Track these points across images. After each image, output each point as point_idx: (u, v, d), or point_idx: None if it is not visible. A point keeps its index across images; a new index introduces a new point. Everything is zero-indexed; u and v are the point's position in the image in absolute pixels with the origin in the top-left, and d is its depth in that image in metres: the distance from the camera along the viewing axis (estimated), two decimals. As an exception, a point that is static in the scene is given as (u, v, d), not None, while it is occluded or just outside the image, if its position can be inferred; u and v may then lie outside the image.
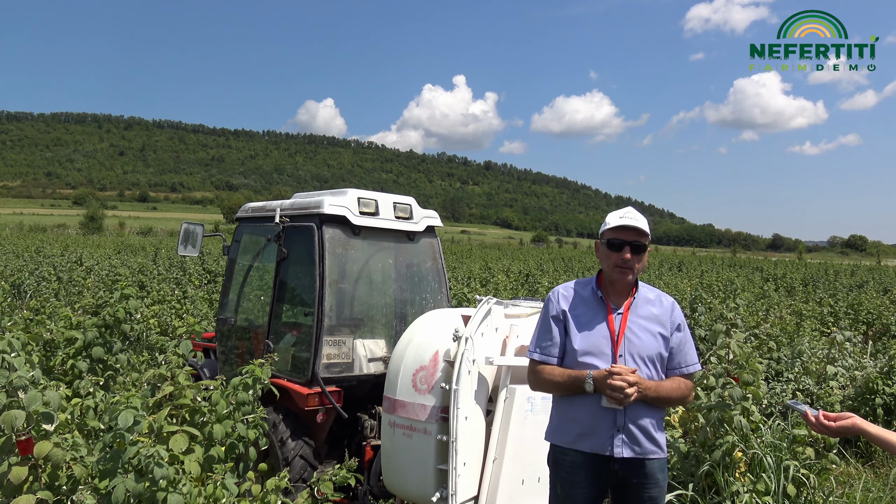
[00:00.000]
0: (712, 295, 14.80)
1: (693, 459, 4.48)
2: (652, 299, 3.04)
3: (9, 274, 16.05)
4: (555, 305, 3.03)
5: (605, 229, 3.00)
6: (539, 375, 3.02)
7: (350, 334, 5.03)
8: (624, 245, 2.93)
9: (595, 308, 2.99)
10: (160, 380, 3.69)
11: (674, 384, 2.94)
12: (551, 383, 2.97)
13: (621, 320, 2.95)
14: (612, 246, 2.94)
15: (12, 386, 2.91)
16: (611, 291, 3.02)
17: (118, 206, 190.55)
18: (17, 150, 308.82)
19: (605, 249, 2.98)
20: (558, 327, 3.00)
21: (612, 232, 2.97)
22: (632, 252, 2.92)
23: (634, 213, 3.02)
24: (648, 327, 2.96)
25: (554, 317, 3.01)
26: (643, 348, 2.92)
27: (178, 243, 5.61)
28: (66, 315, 5.16)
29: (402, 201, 5.27)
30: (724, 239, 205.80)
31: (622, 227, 2.94)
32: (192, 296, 11.98)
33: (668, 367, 2.99)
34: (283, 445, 4.57)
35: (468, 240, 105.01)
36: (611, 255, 2.95)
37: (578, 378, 2.85)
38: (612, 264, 2.95)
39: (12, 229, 70.58)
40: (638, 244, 2.94)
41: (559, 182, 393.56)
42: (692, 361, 3.02)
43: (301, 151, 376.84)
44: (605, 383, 2.76)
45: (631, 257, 2.92)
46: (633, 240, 2.94)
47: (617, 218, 2.98)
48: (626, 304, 2.99)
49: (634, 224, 2.93)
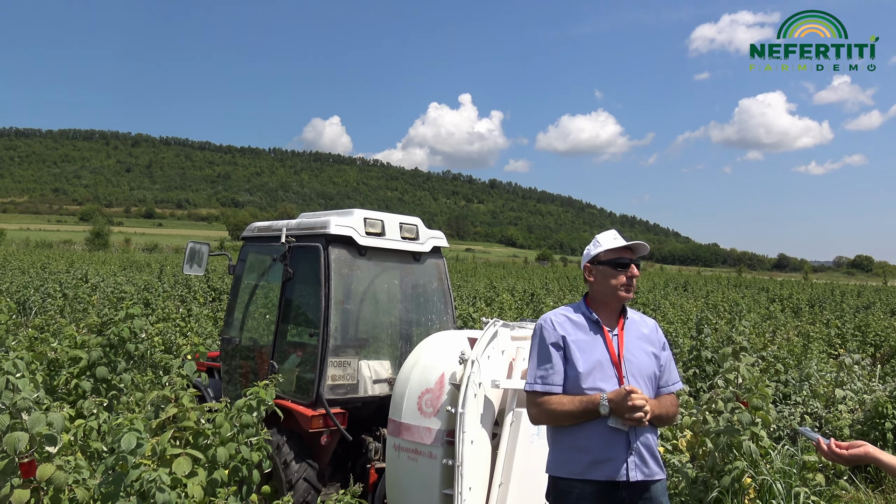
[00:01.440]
0: (718, 316, 14.75)
1: (701, 485, 4.42)
2: (638, 320, 3.06)
3: (14, 290, 16.07)
4: (551, 332, 2.94)
5: (601, 251, 2.98)
6: (545, 407, 2.89)
7: (355, 355, 5.00)
8: (630, 264, 2.94)
9: (592, 331, 2.95)
10: (164, 401, 3.67)
11: (666, 402, 2.95)
12: (562, 413, 2.85)
13: (619, 341, 2.93)
14: (618, 265, 2.94)
15: (16, 407, 2.90)
16: (602, 314, 2.99)
17: (124, 223, 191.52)
18: (25, 166, 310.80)
19: (607, 270, 2.95)
20: (559, 354, 2.92)
21: (614, 252, 2.96)
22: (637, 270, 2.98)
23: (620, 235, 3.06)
24: (643, 347, 2.96)
25: (553, 344, 2.92)
26: (642, 368, 2.91)
27: (183, 262, 5.62)
28: (71, 334, 5.15)
29: (409, 222, 5.26)
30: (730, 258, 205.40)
31: (625, 247, 2.97)
32: (197, 314, 11.96)
33: (657, 386, 2.99)
34: (286, 468, 4.53)
35: (473, 258, 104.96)
36: (616, 275, 2.94)
37: (592, 402, 2.77)
38: (617, 284, 2.94)
39: (19, 245, 70.87)
40: (638, 263, 3.00)
41: (564, 200, 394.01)
42: (676, 380, 3.06)
43: (307, 169, 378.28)
44: (622, 404, 2.71)
45: (636, 275, 2.97)
46: (634, 258, 2.99)
47: (611, 239, 3.00)
48: (619, 324, 2.98)
49: (636, 242, 2.98)
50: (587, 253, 3.06)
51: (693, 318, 12.05)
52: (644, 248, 3.01)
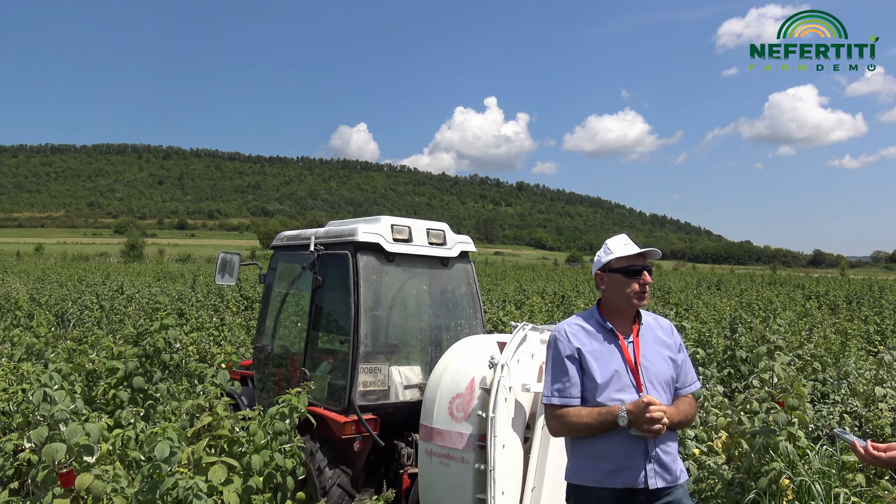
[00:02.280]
0: (752, 314, 14.53)
1: (738, 487, 4.35)
2: (653, 324, 3.02)
3: (53, 303, 16.42)
4: (566, 345, 2.91)
5: (612, 258, 2.94)
6: (563, 420, 2.87)
7: (386, 361, 5.02)
8: (643, 270, 2.91)
9: (606, 340, 2.92)
10: (199, 410, 3.72)
11: (685, 405, 2.92)
12: (580, 425, 2.82)
13: (634, 348, 2.90)
14: (630, 273, 2.91)
15: (54, 419, 2.96)
16: (616, 321, 2.96)
17: (157, 234, 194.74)
18: (61, 181, 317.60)
19: (620, 278, 2.92)
20: (575, 366, 2.89)
21: (626, 260, 2.93)
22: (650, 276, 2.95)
23: (631, 239, 3.03)
24: (659, 352, 2.93)
25: (569, 356, 2.89)
26: (659, 374, 2.88)
27: (215, 272, 5.69)
28: (108, 345, 5.25)
29: (436, 227, 5.28)
30: (763, 256, 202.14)
31: (638, 254, 2.94)
32: (230, 323, 12.11)
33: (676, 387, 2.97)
34: (320, 474, 4.56)
35: (502, 261, 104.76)
36: (629, 283, 2.91)
37: (611, 413, 2.74)
38: (630, 291, 2.91)
39: (57, 258, 72.40)
40: (650, 267, 2.97)
41: (593, 201, 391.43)
42: (693, 380, 3.03)
43: (335, 176, 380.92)
44: (640, 416, 2.68)
45: (650, 280, 2.94)
46: (646, 264, 2.96)
47: (622, 245, 2.97)
48: (634, 331, 2.95)
49: (649, 249, 2.95)
50: (598, 260, 3.03)
51: (726, 317, 11.88)
52: (656, 254, 2.97)
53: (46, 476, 2.97)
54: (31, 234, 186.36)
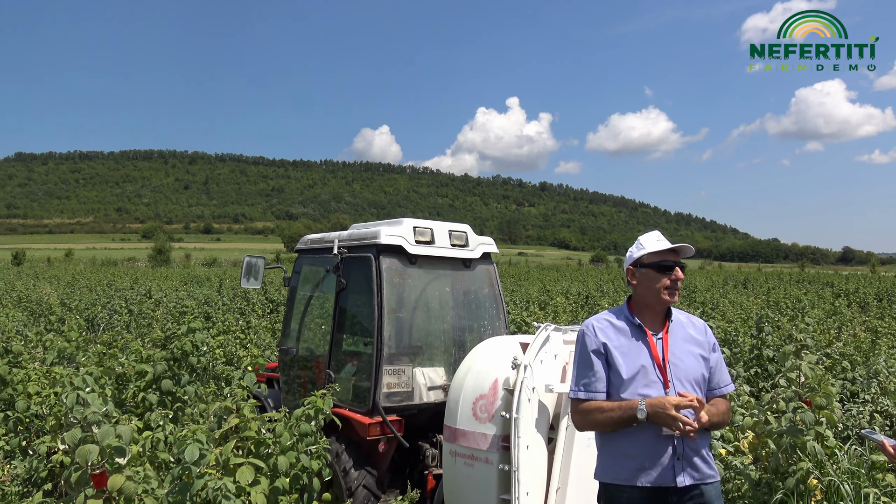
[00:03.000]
0: (780, 313, 14.35)
1: (765, 487, 4.31)
2: (685, 322, 3.00)
3: (83, 308, 16.71)
4: (593, 339, 2.93)
5: (644, 253, 2.94)
6: (587, 414, 2.89)
7: (409, 363, 5.05)
8: (675, 266, 2.90)
9: (634, 336, 2.91)
10: (226, 412, 3.78)
11: (721, 406, 2.90)
12: (602, 420, 2.84)
13: (663, 345, 2.89)
14: (662, 269, 2.90)
15: (87, 421, 3.03)
16: (646, 317, 2.95)
17: (184, 239, 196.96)
18: (90, 187, 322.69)
19: (651, 273, 2.92)
20: (600, 361, 2.90)
21: (657, 255, 2.92)
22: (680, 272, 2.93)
23: (664, 236, 3.01)
24: (690, 350, 2.91)
25: (595, 351, 2.91)
26: (688, 372, 2.86)
27: (241, 276, 5.77)
28: (137, 349, 5.34)
29: (458, 229, 5.30)
30: (791, 253, 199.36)
31: (670, 249, 2.93)
32: (256, 326, 12.23)
33: (708, 388, 2.95)
34: (346, 475, 4.61)
35: (526, 262, 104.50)
36: (660, 278, 2.90)
37: (630, 408, 2.74)
38: (661, 287, 2.90)
39: (86, 264, 73.59)
40: (683, 264, 2.95)
41: (617, 201, 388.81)
42: (727, 382, 3.00)
43: (358, 179, 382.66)
44: (661, 414, 2.68)
45: (682, 276, 2.92)
46: (679, 260, 2.94)
47: (655, 241, 2.96)
48: (664, 328, 2.93)
49: (681, 245, 2.93)
50: (629, 256, 3.03)
51: (753, 316, 11.75)
52: (689, 250, 2.96)
53: (80, 477, 3.04)
54: (61, 239, 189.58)
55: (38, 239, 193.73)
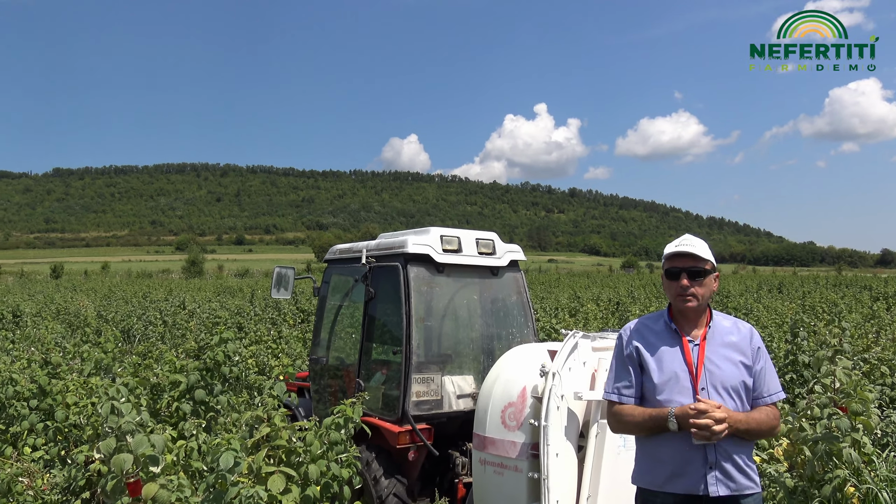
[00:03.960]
0: (816, 317, 14.08)
1: (801, 495, 4.24)
2: (728, 327, 2.93)
3: (119, 320, 17.02)
4: (627, 343, 2.96)
5: (663, 259, 2.95)
6: (619, 417, 2.93)
7: (438, 371, 5.07)
8: (680, 273, 2.86)
9: (670, 341, 2.90)
10: (257, 421, 3.83)
11: (761, 415, 2.82)
12: (633, 424, 2.89)
13: (699, 351, 2.85)
14: (669, 275, 2.89)
15: (121, 430, 3.10)
16: (683, 322, 2.93)
17: (217, 250, 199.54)
18: (125, 201, 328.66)
19: (665, 280, 2.93)
20: (632, 366, 2.92)
21: (667, 261, 2.91)
22: (689, 278, 2.84)
23: (691, 239, 2.96)
24: (728, 356, 2.85)
25: (627, 355, 2.94)
26: (725, 379, 2.81)
27: (271, 287, 5.84)
28: (171, 359, 5.43)
29: (485, 237, 5.31)
30: (828, 257, 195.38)
31: (676, 255, 2.89)
32: (287, 335, 12.35)
33: (752, 396, 2.88)
34: (376, 484, 4.63)
35: (556, 269, 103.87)
36: (671, 285, 2.89)
37: (660, 416, 2.76)
38: (673, 294, 2.89)
39: (122, 276, 74.95)
40: (695, 270, 2.86)
41: (647, 206, 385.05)
42: (776, 389, 2.89)
43: (387, 188, 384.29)
44: (686, 420, 2.67)
45: (689, 283, 2.84)
46: (690, 266, 2.86)
47: (672, 246, 2.94)
48: (702, 333, 2.89)
49: (687, 250, 2.87)
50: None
51: (788, 321, 11.56)
52: (695, 258, 2.85)
53: (115, 486, 3.10)
54: (97, 252, 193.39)
55: (76, 252, 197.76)
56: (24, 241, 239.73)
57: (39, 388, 5.29)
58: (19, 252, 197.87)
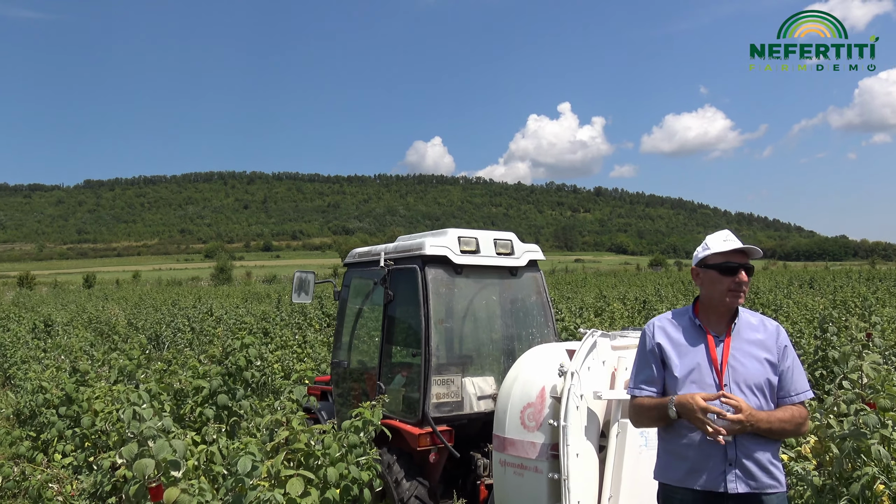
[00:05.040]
0: (848, 312, 13.83)
1: (829, 493, 4.15)
2: (755, 324, 2.90)
3: (148, 326, 17.27)
4: (650, 339, 2.94)
5: (709, 254, 2.88)
6: (637, 411, 2.96)
7: (458, 373, 5.06)
8: (739, 269, 2.83)
9: (694, 337, 2.87)
10: (277, 425, 3.85)
11: (786, 413, 2.76)
12: (645, 416, 2.91)
13: (724, 348, 2.82)
14: (725, 270, 2.83)
15: (143, 436, 3.13)
16: (711, 319, 2.90)
17: (245, 257, 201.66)
18: (154, 210, 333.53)
19: (714, 274, 2.86)
20: (655, 362, 2.91)
21: (722, 256, 2.85)
22: (747, 275, 2.85)
23: (734, 235, 2.92)
24: (754, 353, 2.81)
25: (650, 351, 2.93)
26: (749, 376, 2.77)
27: (292, 292, 5.88)
28: (194, 365, 5.49)
29: (503, 237, 5.29)
30: (861, 250, 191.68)
31: (735, 251, 2.85)
32: (311, 340, 12.44)
33: (778, 395, 2.83)
34: (398, 486, 4.63)
35: (582, 268, 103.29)
36: (723, 280, 2.83)
37: (663, 405, 2.77)
38: (724, 289, 2.84)
39: (152, 284, 76.07)
40: (749, 266, 2.87)
41: (674, 203, 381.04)
42: (803, 388, 2.85)
43: (411, 192, 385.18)
44: (689, 411, 2.65)
45: (747, 279, 2.84)
46: (746, 262, 2.86)
47: (721, 241, 2.89)
48: (728, 330, 2.86)
49: (747, 246, 2.85)
50: (696, 255, 2.99)
51: (818, 316, 11.36)
52: (756, 252, 2.87)
53: (138, 490, 3.14)
54: (128, 262, 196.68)
55: (108, 262, 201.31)
56: (57, 252, 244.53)
57: (66, 396, 5.38)
58: (53, 263, 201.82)
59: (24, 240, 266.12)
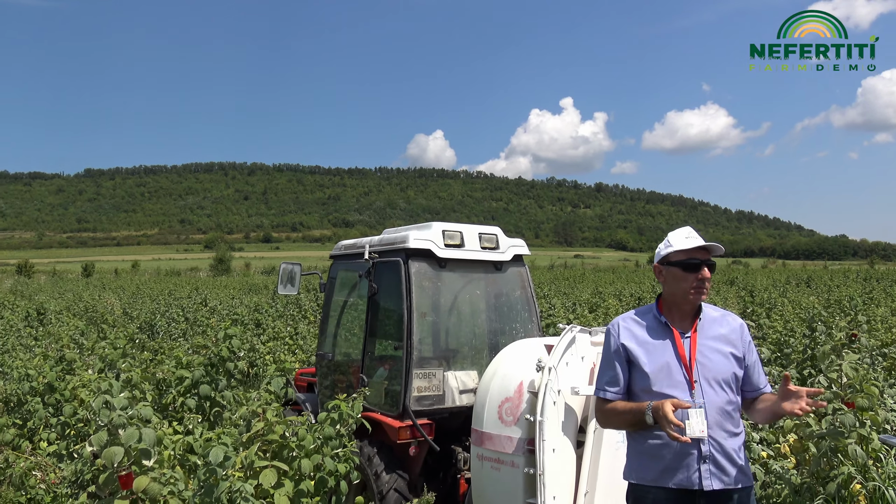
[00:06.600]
0: (841, 311, 13.82)
1: (807, 492, 4.16)
2: (718, 318, 2.91)
3: (143, 317, 17.26)
4: (615, 339, 2.92)
5: (671, 251, 2.88)
6: (604, 412, 2.93)
7: (440, 366, 5.06)
8: (702, 265, 2.82)
9: (660, 335, 2.87)
10: (253, 416, 3.85)
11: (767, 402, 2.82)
12: (616, 420, 2.88)
13: (690, 344, 2.82)
14: (688, 267, 2.83)
15: (112, 424, 3.13)
16: (675, 316, 2.90)
17: (244, 248, 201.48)
18: (154, 200, 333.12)
19: (677, 271, 2.85)
20: (619, 362, 2.89)
21: (684, 254, 2.85)
22: (710, 271, 2.84)
23: (695, 232, 2.93)
24: (719, 348, 2.83)
25: (615, 351, 2.90)
26: (717, 371, 2.79)
27: (277, 283, 5.87)
28: (177, 355, 5.49)
29: (488, 231, 5.28)
30: (860, 250, 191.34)
31: (698, 248, 2.85)
32: (303, 332, 12.43)
33: (748, 389, 2.86)
34: (377, 479, 4.63)
35: (581, 264, 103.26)
36: (687, 277, 2.83)
37: (640, 410, 2.73)
38: (687, 286, 2.84)
39: (151, 274, 76.02)
40: (712, 263, 2.86)
41: (675, 200, 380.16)
42: (765, 383, 2.92)
43: (412, 185, 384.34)
44: (660, 416, 2.62)
45: (709, 276, 2.83)
46: (708, 258, 2.86)
47: (683, 239, 2.88)
48: (693, 326, 2.86)
49: (709, 243, 2.85)
50: (657, 253, 2.98)
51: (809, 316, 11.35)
52: (718, 249, 2.88)
53: (107, 478, 3.14)
54: (128, 251, 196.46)
55: (107, 252, 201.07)
56: (57, 240, 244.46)
57: (48, 384, 5.38)
58: (53, 251, 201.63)
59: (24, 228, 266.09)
